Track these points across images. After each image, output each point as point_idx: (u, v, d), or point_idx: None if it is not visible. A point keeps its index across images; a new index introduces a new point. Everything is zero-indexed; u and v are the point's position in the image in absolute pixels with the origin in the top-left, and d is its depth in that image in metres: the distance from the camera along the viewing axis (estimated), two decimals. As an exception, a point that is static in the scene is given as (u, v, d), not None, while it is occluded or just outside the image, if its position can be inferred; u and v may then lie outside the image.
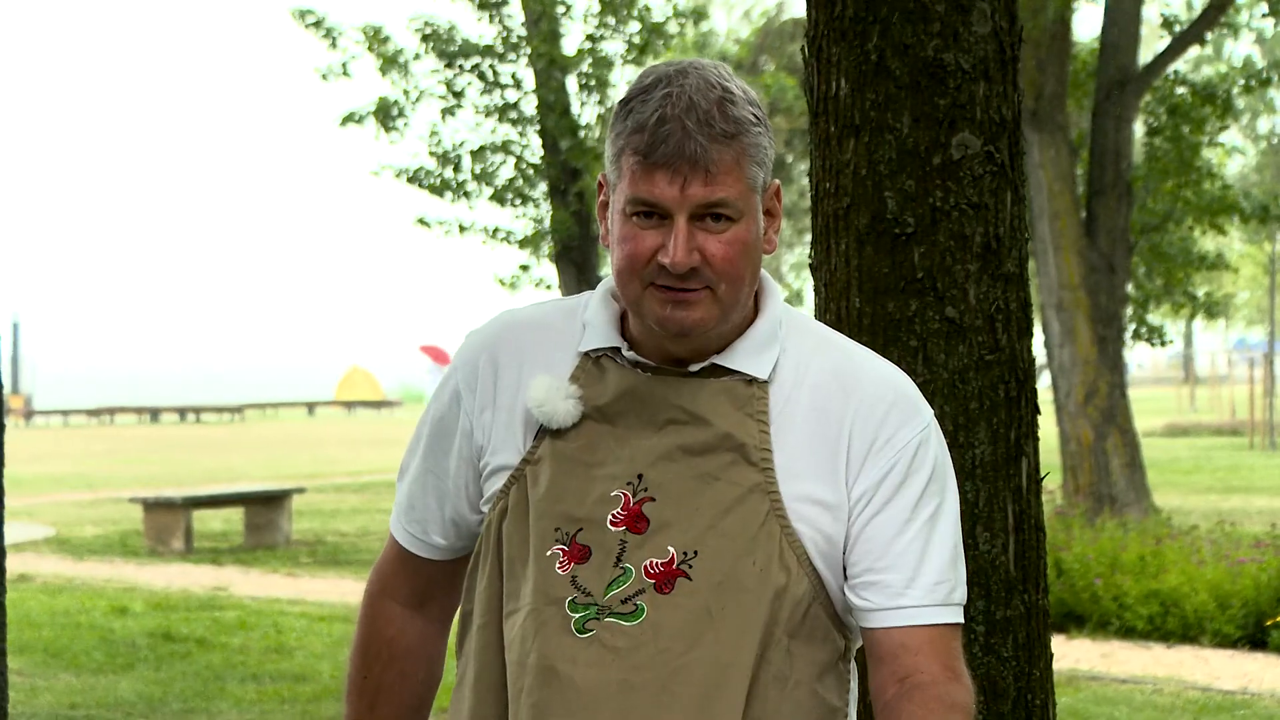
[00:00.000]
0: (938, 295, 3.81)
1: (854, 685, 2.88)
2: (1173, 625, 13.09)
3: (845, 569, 2.73)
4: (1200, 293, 25.78)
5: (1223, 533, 15.96)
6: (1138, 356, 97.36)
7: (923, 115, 3.82)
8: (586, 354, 2.77)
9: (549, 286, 22.39)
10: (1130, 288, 21.84)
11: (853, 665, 2.86)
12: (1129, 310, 23.19)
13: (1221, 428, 44.19)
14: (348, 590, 16.24)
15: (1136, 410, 21.20)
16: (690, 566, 2.67)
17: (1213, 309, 26.00)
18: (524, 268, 22.62)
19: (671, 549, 2.68)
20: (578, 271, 21.05)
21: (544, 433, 2.76)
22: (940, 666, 2.69)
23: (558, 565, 2.71)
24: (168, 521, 19.83)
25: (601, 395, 2.74)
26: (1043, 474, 4.03)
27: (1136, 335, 24.37)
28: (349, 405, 69.12)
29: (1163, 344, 24.72)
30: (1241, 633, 12.87)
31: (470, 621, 2.86)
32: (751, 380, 2.72)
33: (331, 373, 79.11)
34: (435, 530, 2.93)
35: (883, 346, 3.79)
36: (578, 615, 2.69)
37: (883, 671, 2.71)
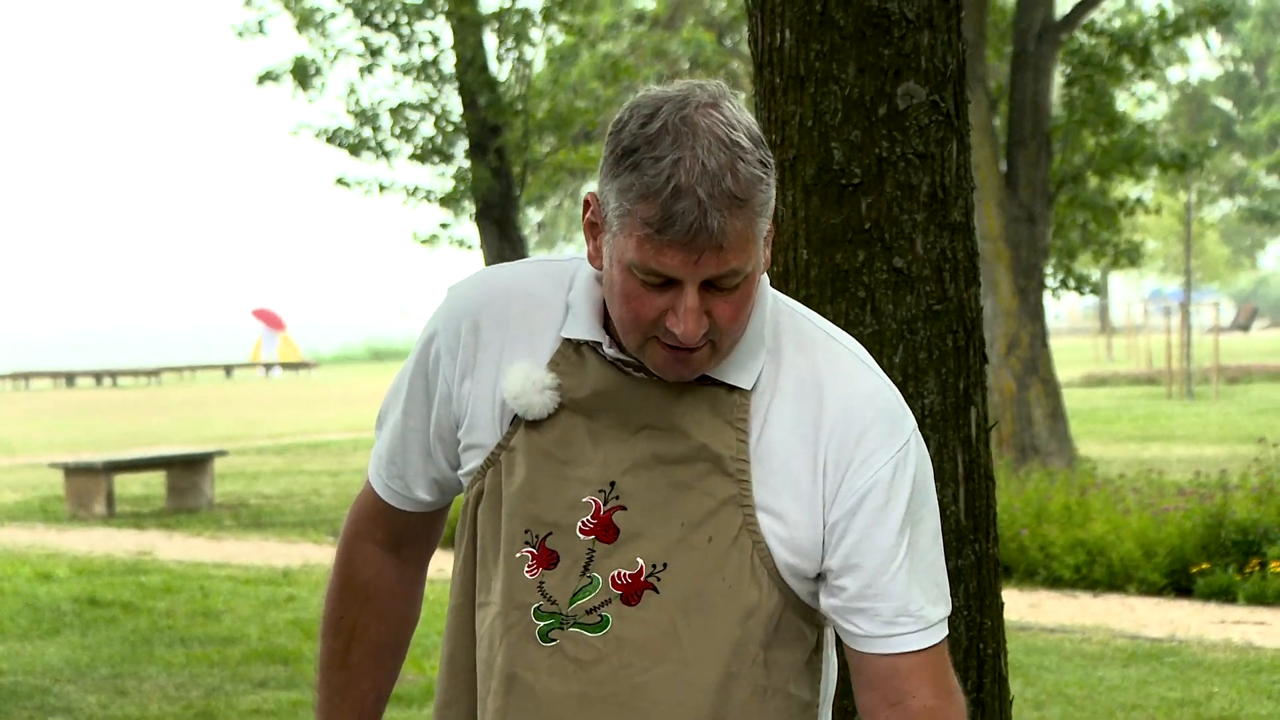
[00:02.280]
0: (885, 245, 3.79)
1: (829, 672, 2.86)
2: (1099, 574, 13.18)
3: (827, 587, 2.69)
4: (1120, 239, 25.96)
5: (1147, 481, 16.07)
6: (1054, 307, 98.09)
7: (868, 65, 3.80)
8: (568, 340, 2.71)
9: (470, 247, 22.30)
10: (1052, 238, 21.95)
11: (829, 654, 2.84)
12: (1052, 260, 23.33)
13: (1139, 377, 44.55)
14: (272, 553, 16.18)
15: (1055, 361, 21.32)
16: (659, 580, 2.64)
17: (1132, 255, 26.17)
18: (444, 225, 22.51)
19: (641, 560, 2.65)
20: (499, 229, 20.95)
21: (520, 419, 2.71)
22: (932, 690, 2.67)
23: (526, 569, 2.69)
24: (89, 486, 19.70)
25: (580, 388, 2.69)
26: (990, 423, 4.03)
27: (1064, 285, 24.52)
28: (267, 367, 68.79)
29: (1094, 292, 24.88)
30: (1167, 580, 12.97)
31: (449, 599, 2.87)
32: (734, 387, 2.67)
33: (249, 335, 78.79)
34: (420, 487, 2.90)
35: (831, 298, 3.78)
36: (542, 623, 2.67)
37: (873, 695, 2.69)
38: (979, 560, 3.98)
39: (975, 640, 3.97)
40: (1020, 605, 12.33)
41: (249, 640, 11.43)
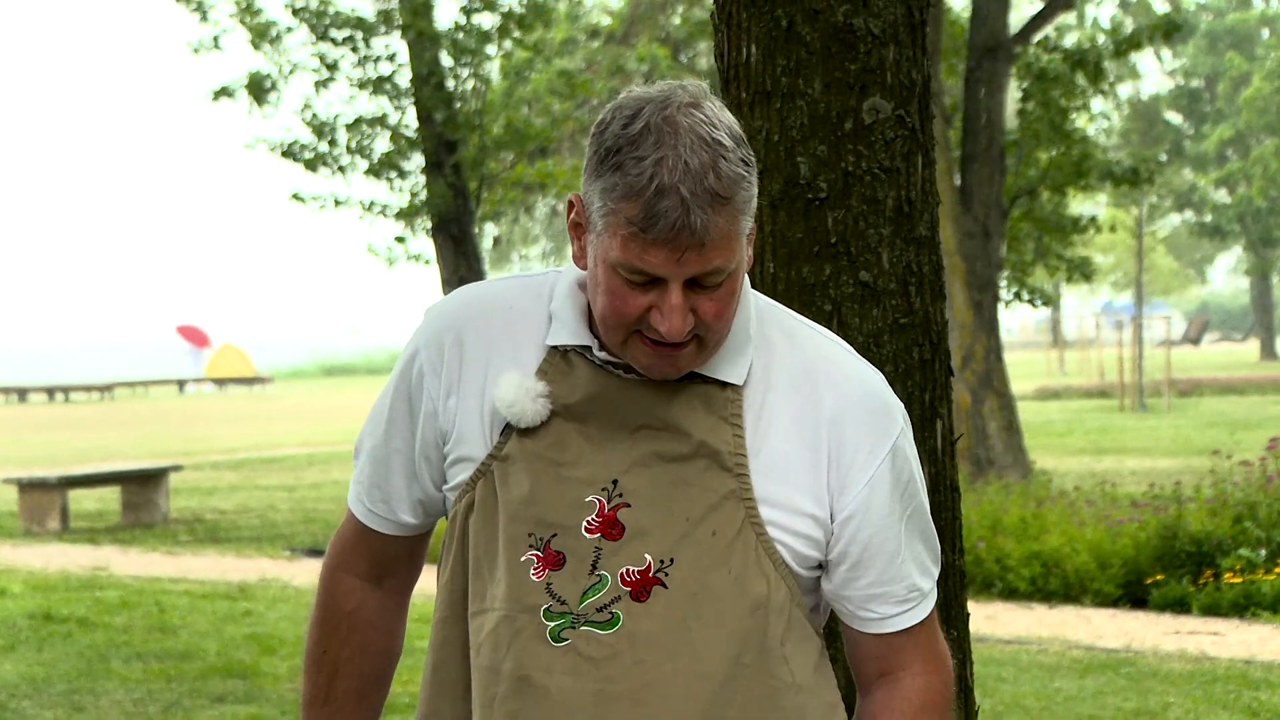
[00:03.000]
0: (851, 259, 3.81)
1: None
2: (1055, 586, 13.25)
3: (836, 576, 2.75)
4: (1072, 255, 26.13)
5: (1102, 494, 16.15)
6: (1006, 321, 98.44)
7: (834, 80, 3.81)
8: (554, 348, 2.73)
9: (426, 261, 22.27)
10: (1005, 252, 22.05)
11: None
12: (1006, 274, 23.43)
13: (1091, 390, 44.81)
14: (229, 568, 16.14)
15: (1008, 374, 21.41)
16: (666, 575, 2.65)
17: (1086, 270, 26.32)
18: (399, 239, 22.47)
19: (648, 556, 2.66)
20: (455, 244, 20.94)
21: (511, 429, 2.72)
22: (922, 663, 2.78)
23: (532, 572, 2.68)
24: (43, 502, 19.62)
25: (570, 394, 2.70)
26: (956, 436, 4.05)
27: (1018, 298, 24.62)
28: (221, 382, 68.58)
29: (1046, 304, 25.00)
30: (1122, 592, 13.05)
31: (434, 613, 2.87)
32: (726, 384, 2.70)
33: (202, 351, 78.63)
34: (404, 510, 2.90)
35: (798, 311, 3.78)
36: (553, 624, 2.67)
37: (869, 667, 2.80)
38: (944, 572, 3.99)
39: (941, 651, 3.98)
40: (977, 617, 12.34)
41: (206, 655, 11.40)
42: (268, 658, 11.27)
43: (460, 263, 20.67)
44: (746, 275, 2.73)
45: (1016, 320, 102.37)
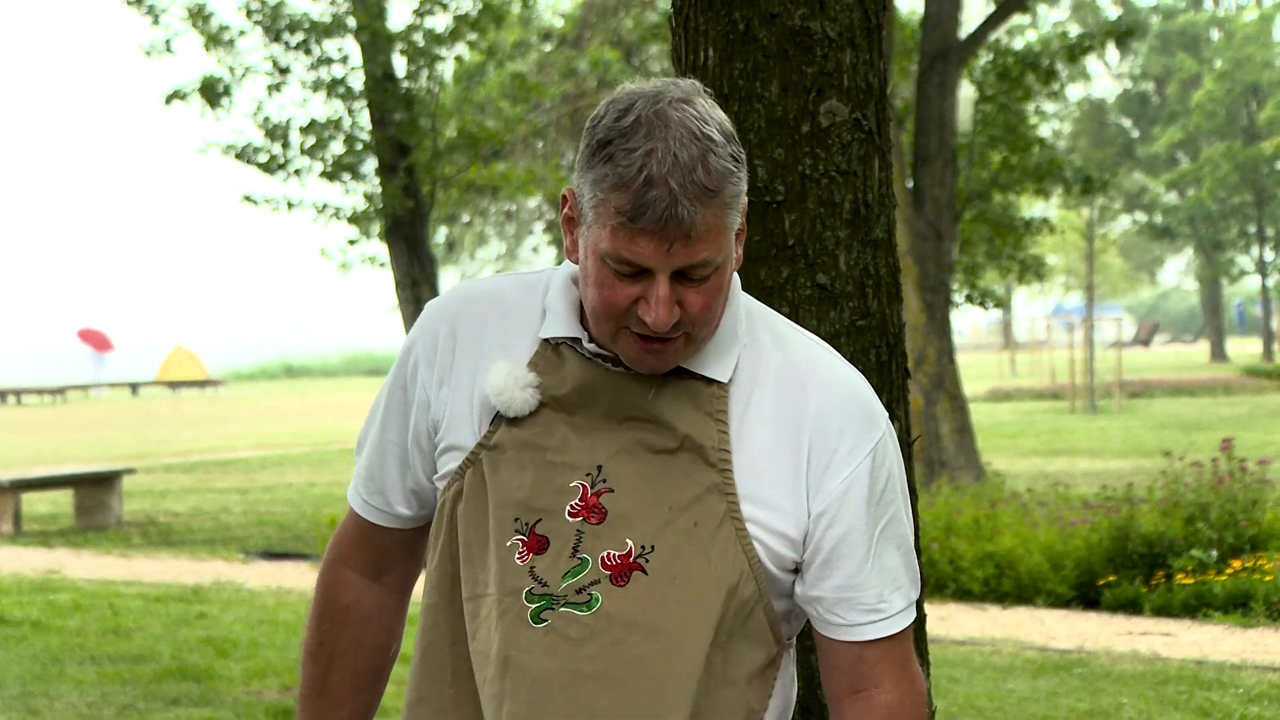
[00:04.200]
0: (809, 262, 3.82)
1: (780, 697, 2.88)
2: (1008, 587, 13.30)
3: (808, 578, 2.77)
4: (1024, 255, 26.24)
5: (1054, 495, 16.22)
6: (958, 323, 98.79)
7: (791, 83, 3.82)
8: (546, 340, 2.77)
9: (381, 264, 22.22)
10: (958, 254, 22.13)
11: (786, 673, 2.89)
12: (958, 276, 23.51)
13: (1042, 392, 44.97)
14: (183, 570, 16.11)
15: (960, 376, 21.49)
16: (647, 561, 2.68)
17: (1039, 271, 26.45)
18: (351, 242, 22.40)
19: (630, 542, 2.69)
20: (408, 247, 20.89)
21: (500, 418, 2.76)
22: (893, 681, 2.78)
23: (517, 556, 2.72)
24: (-5, 505, 19.54)
25: (560, 386, 2.73)
26: (913, 438, 4.07)
27: (969, 300, 24.71)
28: (173, 385, 68.33)
29: (999, 307, 25.11)
30: (1074, 593, 13.11)
31: (423, 599, 2.89)
32: (712, 380, 2.73)
33: (155, 353, 78.24)
34: (398, 501, 2.94)
35: (756, 314, 3.82)
36: (534, 606, 2.70)
37: (840, 681, 2.80)
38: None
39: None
40: (930, 619, 12.40)
41: (160, 658, 11.37)
42: (222, 660, 11.25)
43: (414, 266, 20.63)
44: (737, 275, 2.78)
45: (968, 322, 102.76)
